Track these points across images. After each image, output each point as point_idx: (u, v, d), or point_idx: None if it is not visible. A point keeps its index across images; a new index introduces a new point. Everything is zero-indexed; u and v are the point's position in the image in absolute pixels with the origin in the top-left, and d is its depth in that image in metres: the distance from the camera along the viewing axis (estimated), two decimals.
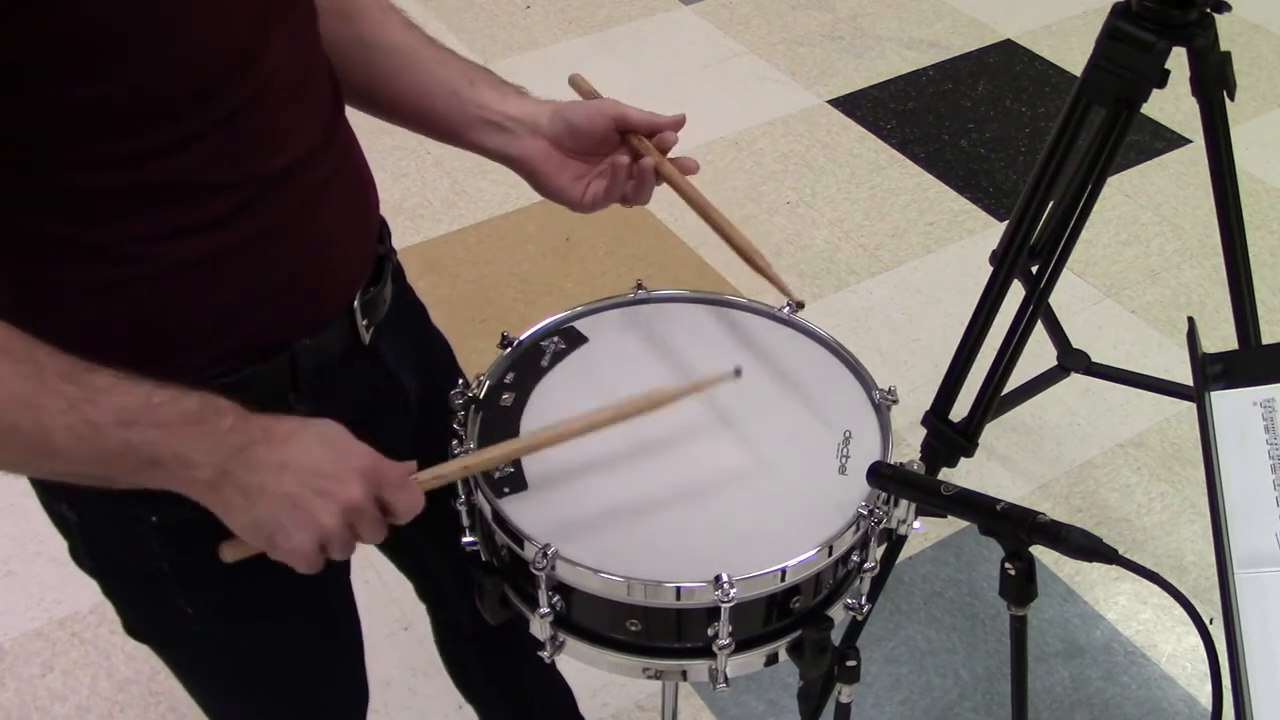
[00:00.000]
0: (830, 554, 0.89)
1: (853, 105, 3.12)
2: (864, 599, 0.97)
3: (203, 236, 0.82)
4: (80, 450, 0.74)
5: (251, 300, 0.86)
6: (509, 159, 1.02)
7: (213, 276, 0.83)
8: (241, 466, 0.77)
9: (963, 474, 1.79)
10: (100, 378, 0.74)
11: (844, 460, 0.95)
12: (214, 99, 0.78)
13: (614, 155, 1.02)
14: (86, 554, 0.96)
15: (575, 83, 1.10)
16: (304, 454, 0.79)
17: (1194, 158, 2.91)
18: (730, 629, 0.87)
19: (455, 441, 0.96)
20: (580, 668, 0.97)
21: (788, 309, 1.08)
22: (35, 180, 0.76)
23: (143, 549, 0.93)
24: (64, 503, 0.93)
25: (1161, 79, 1.40)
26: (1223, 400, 0.83)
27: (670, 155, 1.02)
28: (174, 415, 0.76)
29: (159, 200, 0.79)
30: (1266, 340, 1.57)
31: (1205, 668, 1.47)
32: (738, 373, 0.95)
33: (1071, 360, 1.98)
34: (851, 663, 0.98)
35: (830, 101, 3.13)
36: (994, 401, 1.64)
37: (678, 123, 1.02)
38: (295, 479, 0.78)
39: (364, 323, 0.96)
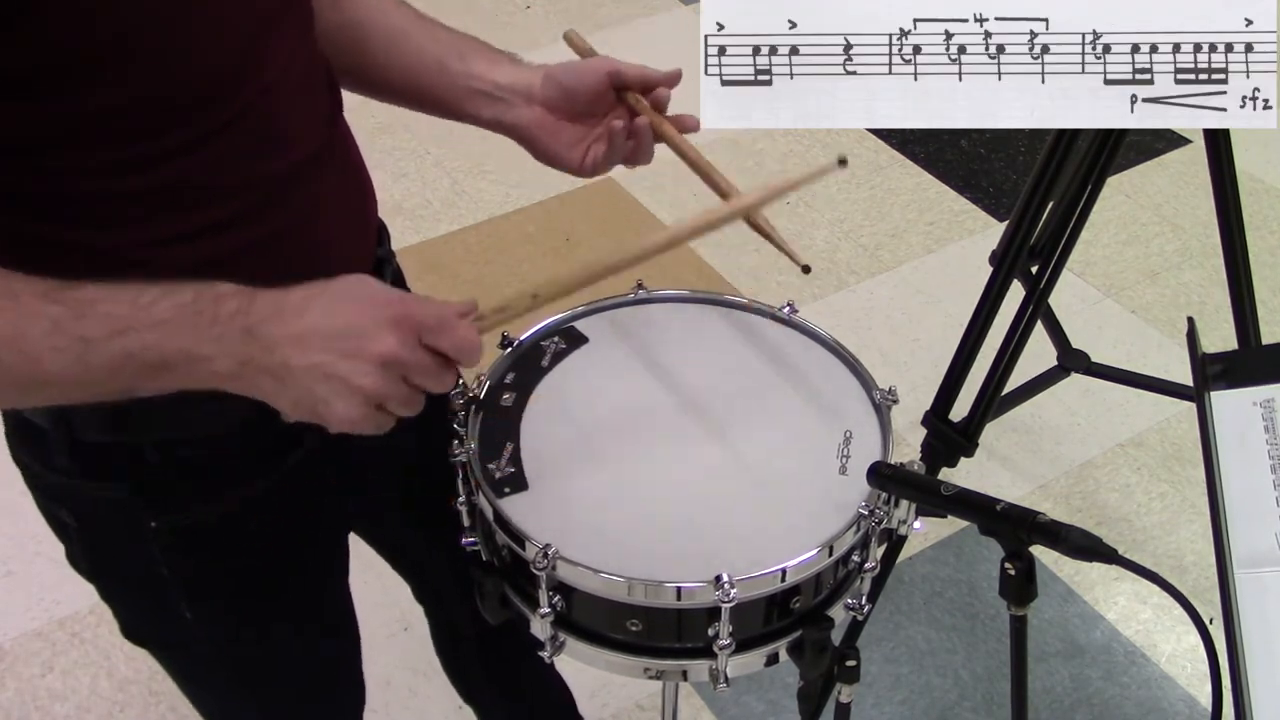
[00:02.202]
0: (830, 554, 0.89)
1: None
2: (864, 599, 0.97)
3: (209, 240, 0.82)
4: (78, 371, 0.70)
5: None
6: (505, 128, 1.00)
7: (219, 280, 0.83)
8: (259, 348, 0.72)
9: (963, 474, 1.79)
10: (84, 291, 0.71)
11: (844, 460, 0.95)
12: (218, 102, 0.78)
13: (611, 117, 0.99)
14: (85, 558, 0.96)
15: (570, 39, 1.07)
16: (323, 318, 0.73)
17: (1194, 158, 2.90)
18: (730, 629, 0.87)
19: (455, 442, 0.95)
20: (580, 668, 0.97)
21: (787, 309, 1.08)
22: (42, 186, 0.75)
23: (142, 554, 0.93)
24: (63, 507, 0.93)
25: None
26: (1223, 400, 0.83)
27: (669, 114, 0.99)
28: (168, 311, 0.71)
29: (165, 205, 0.79)
30: (1266, 340, 1.57)
31: (1205, 668, 1.47)
32: (843, 162, 0.89)
33: (1071, 360, 1.98)
34: (851, 663, 0.98)
35: None
36: (994, 401, 1.64)
37: (673, 78, 0.99)
38: (319, 346, 0.72)
39: None
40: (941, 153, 2.95)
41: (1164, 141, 2.98)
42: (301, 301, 0.74)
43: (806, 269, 0.94)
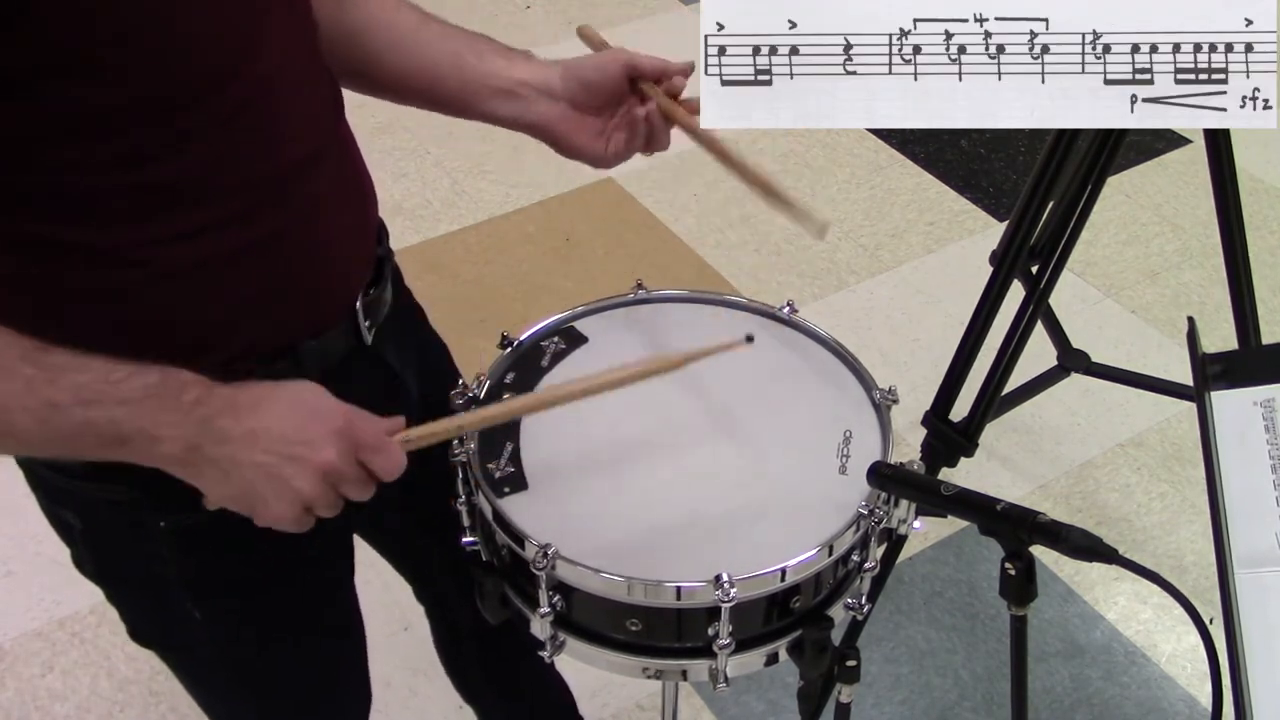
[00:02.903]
0: (830, 554, 0.89)
1: None
2: (864, 599, 0.97)
3: (210, 239, 0.81)
4: (41, 432, 0.73)
5: (257, 302, 0.86)
6: (525, 125, 1.01)
7: (220, 279, 0.83)
8: (210, 439, 0.76)
9: (963, 474, 1.79)
10: (57, 357, 0.73)
11: (844, 460, 0.95)
12: (215, 96, 0.78)
13: (628, 107, 1.01)
14: (91, 560, 0.96)
15: (584, 33, 1.08)
16: (273, 420, 0.78)
17: (1194, 158, 2.90)
18: (730, 629, 0.87)
19: (455, 442, 0.95)
20: (580, 668, 0.97)
21: (787, 309, 1.08)
22: (40, 184, 0.75)
23: (149, 555, 0.93)
24: (68, 510, 0.93)
25: None
26: (1223, 400, 0.83)
27: (682, 99, 1.01)
28: (136, 390, 0.74)
29: (164, 204, 0.79)
30: (1266, 340, 1.57)
31: (1205, 668, 1.47)
32: (750, 339, 0.94)
33: (1071, 360, 1.98)
34: (851, 663, 0.98)
35: None
36: (994, 401, 1.64)
37: (686, 69, 1.01)
38: (266, 447, 0.77)
39: (366, 324, 0.96)
40: (941, 153, 2.95)
41: (1164, 141, 2.98)
42: (254, 401, 0.78)
43: (824, 227, 0.97)
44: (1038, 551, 0.82)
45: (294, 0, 0.86)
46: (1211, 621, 0.72)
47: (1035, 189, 1.54)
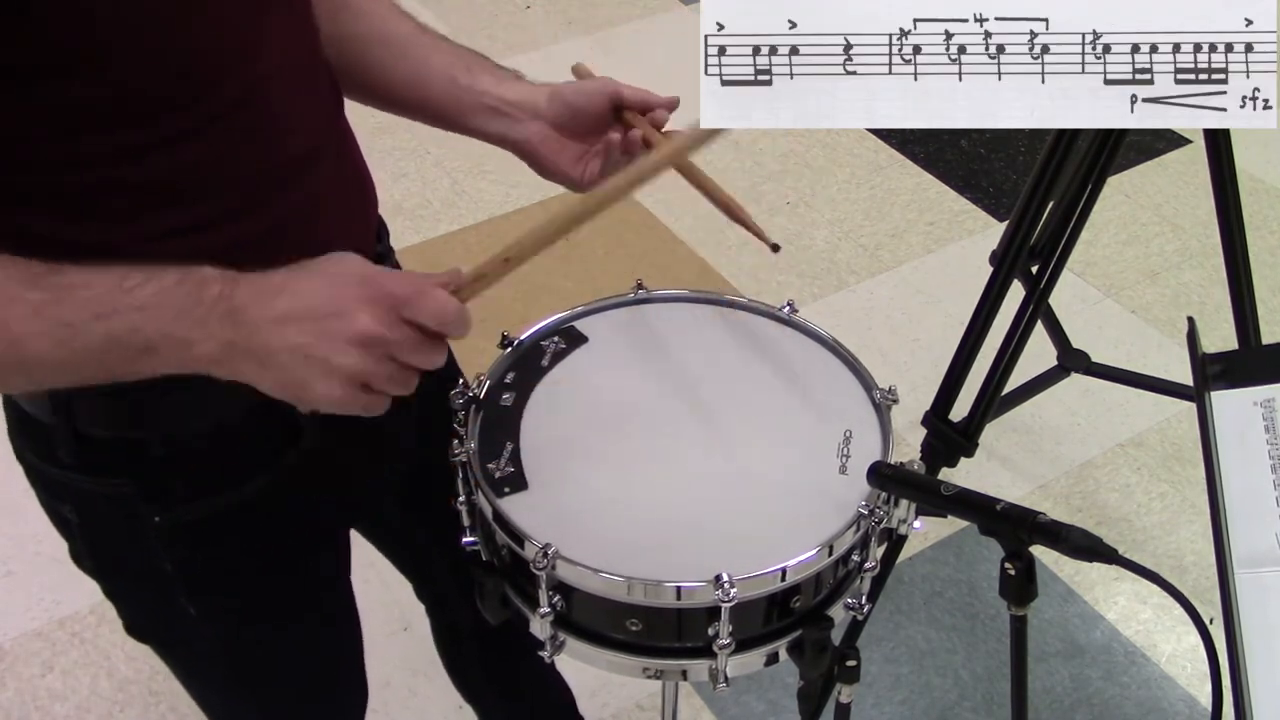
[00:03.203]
0: (830, 554, 0.89)
1: None
2: (864, 599, 0.97)
3: (207, 235, 0.82)
4: (62, 355, 0.70)
5: None
6: (509, 143, 1.03)
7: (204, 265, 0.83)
8: (241, 332, 0.72)
9: (963, 474, 1.79)
10: (67, 276, 0.71)
11: (844, 460, 0.95)
12: (213, 90, 0.78)
13: (610, 133, 1.02)
14: (88, 554, 0.96)
15: (578, 72, 1.10)
16: (301, 299, 0.73)
17: (1194, 158, 2.90)
18: (730, 629, 0.87)
19: (455, 442, 0.96)
20: (580, 667, 0.97)
21: (787, 309, 1.08)
22: (35, 178, 0.76)
23: (146, 549, 0.93)
24: (65, 504, 0.93)
25: None
26: (1223, 400, 0.83)
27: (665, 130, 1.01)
28: (151, 295, 0.71)
29: (163, 200, 0.79)
30: (1266, 340, 1.57)
31: (1205, 668, 1.47)
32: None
33: (1071, 360, 1.98)
34: (851, 663, 0.98)
35: None
36: (994, 401, 1.64)
37: (671, 103, 1.02)
38: (297, 329, 0.73)
39: None
40: (941, 153, 2.95)
41: (1164, 141, 2.98)
42: (281, 283, 0.74)
43: (775, 248, 0.96)
44: (1038, 551, 0.82)
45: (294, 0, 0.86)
46: (1211, 621, 0.72)
47: (1035, 189, 1.54)
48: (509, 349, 1.05)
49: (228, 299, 0.73)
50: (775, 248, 0.97)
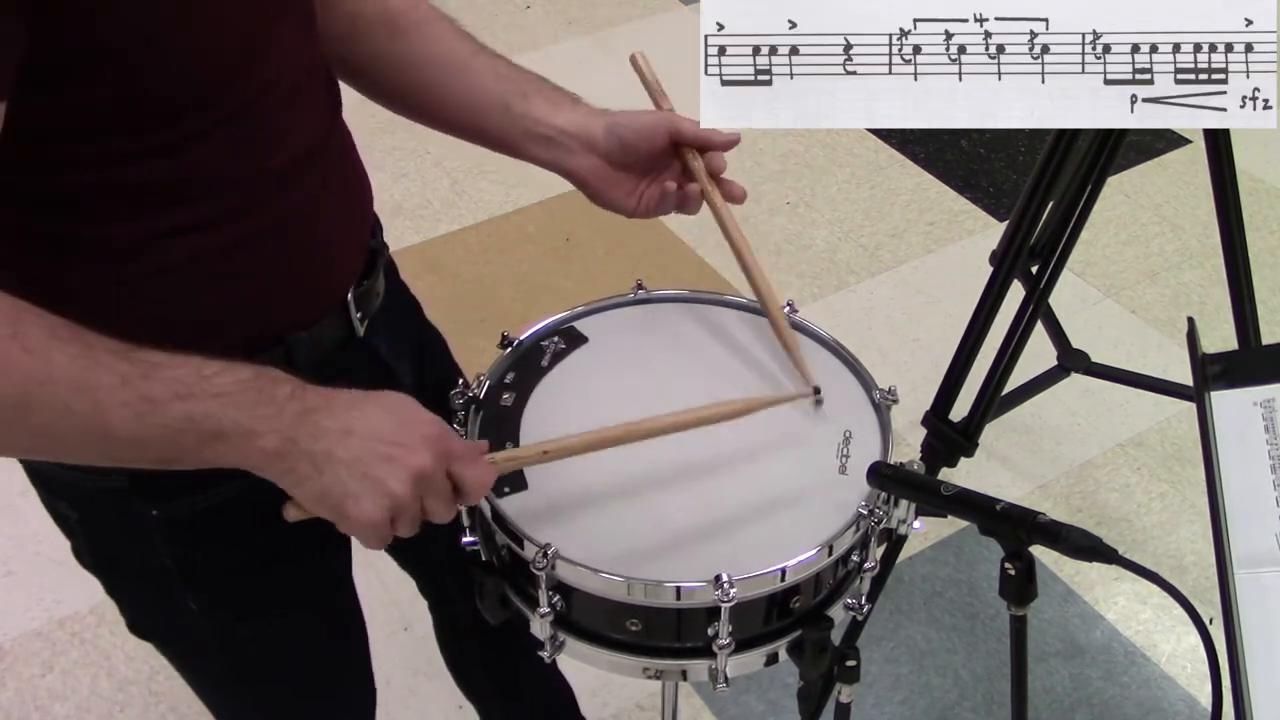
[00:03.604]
0: (830, 554, 0.89)
1: None
2: (864, 599, 0.97)
3: (206, 234, 0.82)
4: (138, 429, 0.72)
5: (251, 296, 0.87)
6: (563, 171, 1.02)
7: (215, 273, 0.84)
8: (307, 433, 0.75)
9: (963, 474, 1.79)
10: (151, 354, 0.73)
11: (844, 460, 0.95)
12: (220, 98, 0.78)
13: (665, 176, 1.02)
14: (88, 552, 0.97)
15: (636, 63, 1.09)
16: (370, 421, 0.78)
17: (1194, 158, 2.90)
18: (730, 629, 0.87)
19: None
20: (580, 667, 0.97)
21: (787, 309, 1.08)
22: (40, 178, 0.76)
23: (145, 545, 0.93)
24: (64, 501, 0.93)
25: None
26: (1223, 400, 0.83)
27: (721, 177, 1.03)
28: (230, 384, 0.74)
29: (163, 198, 0.79)
30: (1266, 340, 1.57)
31: (1205, 668, 1.47)
32: (817, 392, 0.98)
33: (1071, 360, 1.98)
34: (851, 663, 0.98)
35: None
36: (994, 401, 1.64)
37: (730, 143, 1.02)
38: (362, 445, 0.76)
39: (358, 315, 0.96)
40: (941, 153, 2.95)
41: (1164, 141, 2.98)
42: (350, 401, 0.78)
43: (816, 390, 1.00)
44: (1038, 551, 0.81)
45: (298, 3, 0.86)
46: (1211, 621, 0.72)
47: (1035, 189, 1.54)
48: (509, 349, 1.05)
49: (299, 400, 0.76)
50: (816, 391, 1.00)
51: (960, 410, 1.67)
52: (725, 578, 0.84)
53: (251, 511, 0.95)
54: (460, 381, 1.01)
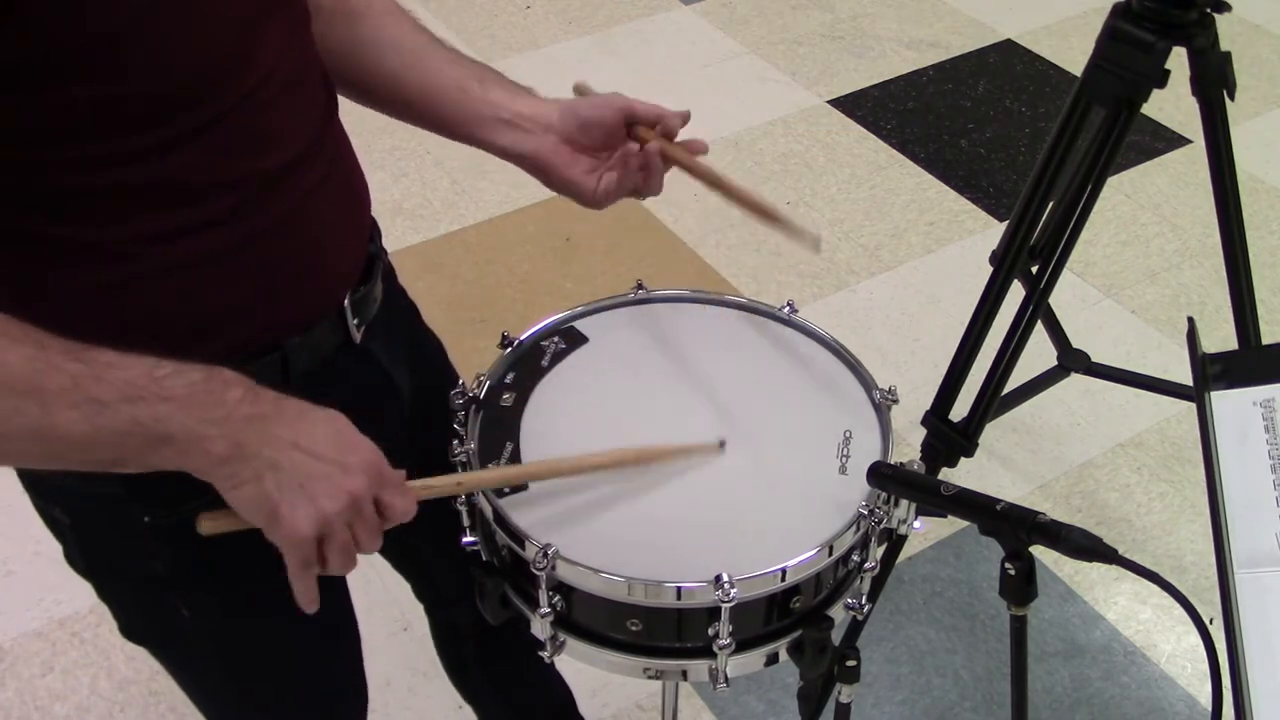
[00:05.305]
0: (830, 554, 0.89)
1: (853, 105, 3.12)
2: (864, 599, 0.97)
3: (197, 237, 0.81)
4: (86, 431, 0.72)
5: (245, 301, 0.86)
6: (521, 156, 1.03)
7: (207, 277, 0.83)
8: (254, 439, 0.76)
9: (963, 474, 1.79)
10: (103, 353, 0.73)
11: (844, 460, 0.95)
12: (208, 98, 0.78)
13: (623, 149, 1.03)
14: (80, 556, 0.96)
15: (579, 89, 1.11)
16: (314, 437, 0.78)
17: (1194, 158, 2.91)
18: (730, 629, 0.87)
19: (455, 442, 0.96)
20: (580, 668, 0.97)
21: (787, 309, 1.08)
22: (27, 180, 0.75)
23: (137, 551, 0.93)
24: (57, 506, 0.93)
25: (1162, 79, 1.40)
26: (1223, 400, 0.83)
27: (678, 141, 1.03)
28: (181, 388, 0.74)
29: (153, 201, 0.79)
30: (1266, 340, 1.57)
31: (1205, 668, 1.47)
32: (721, 445, 0.97)
33: (1071, 360, 1.98)
34: (851, 663, 0.98)
35: (830, 101, 3.13)
36: (994, 401, 1.64)
37: (683, 117, 1.03)
38: (304, 460, 0.77)
39: (354, 321, 0.96)
40: (941, 153, 2.95)
41: (1164, 141, 2.98)
42: (298, 412, 0.79)
43: (817, 240, 0.98)
44: (1038, 551, 0.82)
45: (290, 4, 0.86)
46: (1211, 621, 0.72)
47: (1035, 189, 1.54)
48: (509, 349, 1.05)
49: (249, 405, 0.76)
50: (817, 241, 0.99)
51: (960, 410, 1.67)
52: (725, 578, 0.84)
53: None
54: (460, 382, 1.02)
